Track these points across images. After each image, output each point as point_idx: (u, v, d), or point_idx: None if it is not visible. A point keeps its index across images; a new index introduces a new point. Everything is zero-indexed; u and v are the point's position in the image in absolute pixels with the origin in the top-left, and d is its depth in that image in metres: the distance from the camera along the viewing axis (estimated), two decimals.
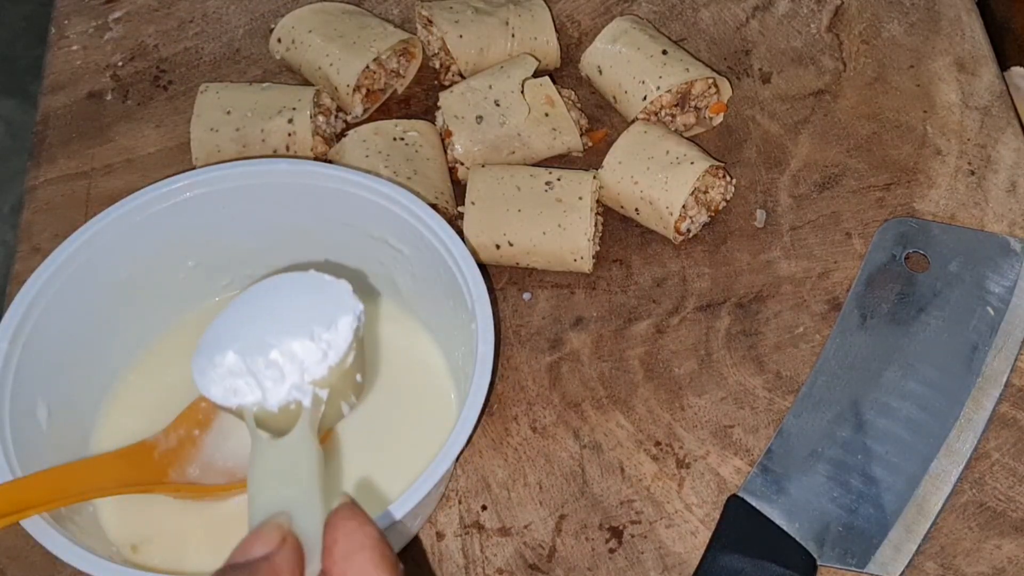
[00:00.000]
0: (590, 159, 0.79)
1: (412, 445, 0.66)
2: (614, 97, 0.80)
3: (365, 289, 0.70)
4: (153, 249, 0.67)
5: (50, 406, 0.63)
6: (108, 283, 0.66)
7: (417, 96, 0.84)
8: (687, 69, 0.78)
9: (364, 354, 0.58)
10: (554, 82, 0.79)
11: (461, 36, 0.81)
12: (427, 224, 0.64)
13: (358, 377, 0.57)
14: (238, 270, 0.71)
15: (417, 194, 0.66)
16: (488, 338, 0.61)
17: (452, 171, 0.78)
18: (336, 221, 0.68)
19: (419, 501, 0.57)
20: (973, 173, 0.78)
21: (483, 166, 0.76)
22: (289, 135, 0.77)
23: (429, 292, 0.67)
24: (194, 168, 0.72)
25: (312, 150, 0.78)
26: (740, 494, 0.67)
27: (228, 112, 0.78)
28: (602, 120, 0.82)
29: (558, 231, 0.73)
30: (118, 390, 0.68)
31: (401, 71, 0.83)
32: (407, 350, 0.69)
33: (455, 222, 0.75)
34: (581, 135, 0.79)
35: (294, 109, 0.78)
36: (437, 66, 0.84)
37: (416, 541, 0.66)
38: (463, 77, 0.82)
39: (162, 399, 0.67)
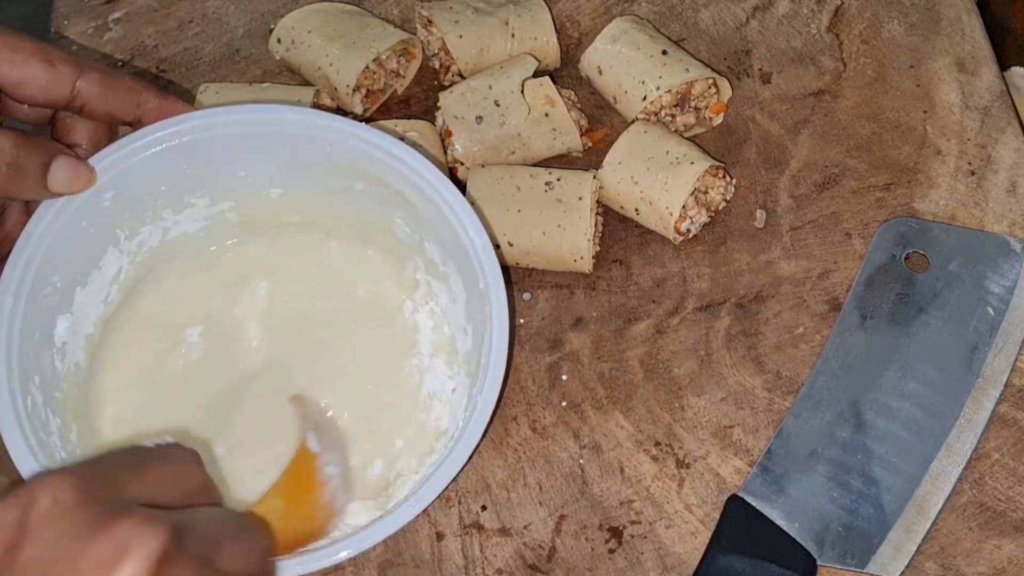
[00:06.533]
0: (590, 159, 0.79)
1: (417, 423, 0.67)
2: (614, 97, 0.80)
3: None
4: (156, 190, 0.67)
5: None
6: (107, 223, 0.65)
7: (417, 96, 0.84)
8: (687, 69, 0.78)
9: None
10: (554, 82, 0.79)
11: (461, 36, 0.81)
12: (437, 189, 0.65)
13: None
14: (244, 220, 0.71)
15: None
16: (503, 324, 0.61)
17: (452, 171, 0.78)
18: (346, 172, 0.68)
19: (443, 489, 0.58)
20: (973, 173, 0.78)
21: (483, 166, 0.76)
22: None
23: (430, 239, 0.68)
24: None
25: None
26: (740, 494, 0.67)
27: None
28: (602, 120, 0.82)
29: (558, 231, 0.73)
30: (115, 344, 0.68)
31: (401, 71, 0.83)
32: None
33: None
34: (581, 135, 0.79)
35: None
36: (437, 66, 0.84)
37: (416, 541, 0.66)
38: (463, 77, 0.82)
39: (163, 345, 0.68)
